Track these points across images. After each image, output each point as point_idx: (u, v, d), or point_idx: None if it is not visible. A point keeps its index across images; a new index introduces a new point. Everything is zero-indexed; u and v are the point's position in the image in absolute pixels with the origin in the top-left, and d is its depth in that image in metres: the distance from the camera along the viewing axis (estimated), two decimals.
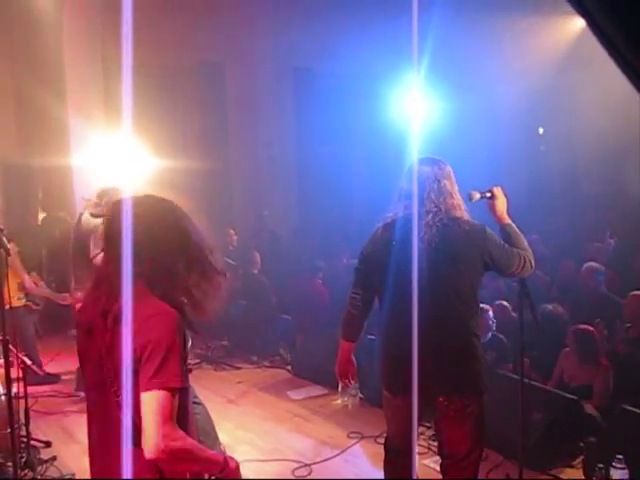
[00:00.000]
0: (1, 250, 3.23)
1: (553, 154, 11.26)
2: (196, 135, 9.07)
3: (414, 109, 6.22)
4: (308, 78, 9.76)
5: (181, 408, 1.61)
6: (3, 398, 3.44)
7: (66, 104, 6.99)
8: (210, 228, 1.80)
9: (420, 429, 3.82)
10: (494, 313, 4.68)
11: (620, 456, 3.10)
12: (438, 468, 2.87)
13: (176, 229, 1.68)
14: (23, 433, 3.65)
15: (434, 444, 3.65)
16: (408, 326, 2.45)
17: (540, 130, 11.96)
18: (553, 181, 10.59)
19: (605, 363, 4.09)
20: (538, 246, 6.10)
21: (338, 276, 6.65)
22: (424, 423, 3.91)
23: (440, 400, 2.63)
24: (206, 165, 8.10)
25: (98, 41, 7.15)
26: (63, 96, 7.02)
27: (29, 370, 3.72)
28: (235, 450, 3.95)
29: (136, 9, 1.55)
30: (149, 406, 1.52)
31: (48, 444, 4.09)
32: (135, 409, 1.55)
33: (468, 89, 8.83)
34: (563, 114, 10.43)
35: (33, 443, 3.83)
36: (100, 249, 1.71)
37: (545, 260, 6.27)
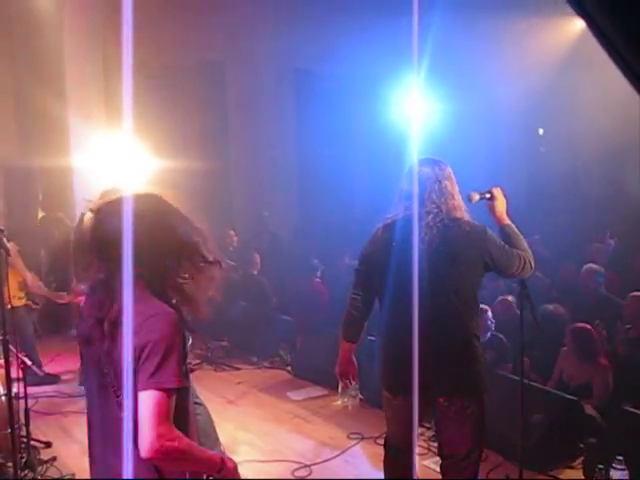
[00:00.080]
0: (1, 250, 3.24)
1: (553, 155, 11.25)
2: (196, 135, 9.07)
3: (414, 110, 6.23)
4: (309, 79, 9.76)
5: (181, 408, 1.61)
6: (3, 398, 3.44)
7: (66, 104, 6.99)
8: (210, 228, 1.78)
9: (420, 430, 3.81)
10: (497, 309, 4.66)
11: (620, 457, 3.10)
12: (438, 469, 2.88)
13: (161, 225, 1.64)
14: (23, 433, 3.65)
15: (434, 445, 3.65)
16: (408, 327, 2.45)
17: (540, 131, 11.96)
18: (553, 182, 10.57)
19: (604, 362, 4.08)
20: (538, 247, 6.10)
21: (338, 276, 6.65)
22: (424, 424, 3.90)
23: (440, 401, 2.64)
24: (206, 166, 8.09)
25: (98, 41, 7.16)
26: (63, 96, 7.02)
27: (29, 370, 3.73)
28: (235, 451, 3.95)
29: (136, 9, 1.55)
30: (145, 406, 1.52)
31: (48, 444, 4.09)
32: (135, 409, 1.56)
33: (468, 90, 8.82)
34: (563, 115, 10.42)
35: (33, 443, 3.83)
36: (91, 255, 1.68)
37: (545, 261, 6.26)
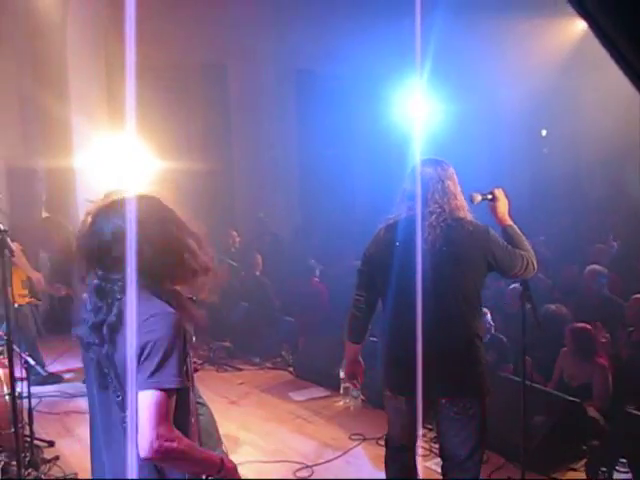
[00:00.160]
0: (5, 251, 3.25)
1: (556, 156, 11.23)
2: (199, 136, 9.09)
3: (416, 111, 6.23)
4: (310, 80, 9.76)
5: (182, 408, 1.61)
6: (7, 398, 3.45)
7: (69, 104, 7.01)
8: (212, 229, 1.77)
9: (422, 431, 3.80)
10: (509, 298, 4.66)
11: (623, 459, 3.09)
12: (439, 470, 2.87)
13: (159, 228, 1.64)
14: (27, 433, 3.67)
15: (435, 446, 3.64)
16: (411, 327, 2.45)
17: (543, 132, 11.94)
18: (556, 183, 10.55)
19: (603, 362, 4.06)
20: (540, 248, 6.09)
21: (340, 277, 6.65)
22: (426, 425, 3.90)
23: (442, 401, 2.63)
24: (209, 166, 8.10)
25: (101, 42, 7.18)
26: (66, 96, 7.03)
27: (32, 370, 3.74)
28: (237, 451, 3.96)
29: (139, 10, 1.55)
30: (145, 406, 1.52)
31: (51, 443, 4.10)
32: (135, 409, 1.56)
33: (470, 91, 8.81)
34: (566, 116, 10.40)
35: (37, 442, 3.84)
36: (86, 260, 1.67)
37: (547, 263, 6.25)
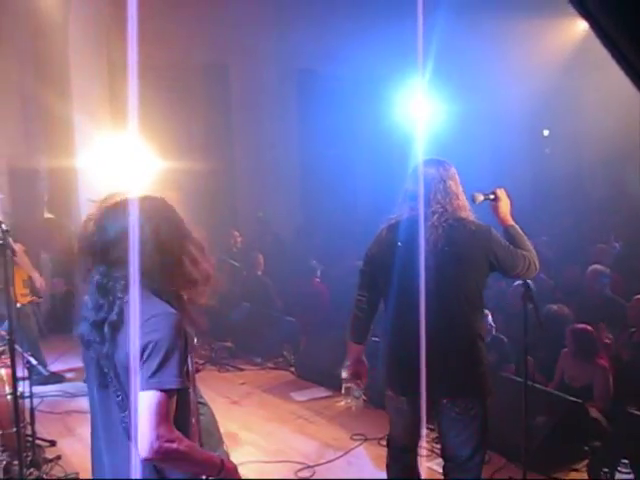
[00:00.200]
0: (7, 251, 3.25)
1: (558, 156, 11.22)
2: (200, 136, 9.09)
3: (418, 111, 6.22)
4: (312, 80, 9.76)
5: (182, 409, 1.61)
6: (9, 397, 3.45)
7: (71, 104, 7.02)
8: (214, 229, 1.78)
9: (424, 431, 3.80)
10: (511, 298, 4.66)
11: (625, 460, 3.08)
12: (441, 470, 2.87)
13: (163, 229, 1.65)
14: (29, 432, 3.67)
15: (437, 446, 3.64)
16: (414, 327, 2.45)
17: (545, 132, 11.93)
18: (558, 183, 10.54)
19: (604, 363, 4.05)
20: (542, 248, 6.08)
21: (341, 277, 6.65)
22: (427, 425, 3.89)
23: (444, 402, 2.63)
24: (210, 166, 8.11)
25: (103, 41, 7.18)
26: (68, 96, 7.04)
27: (34, 370, 3.74)
28: (238, 451, 3.96)
29: (140, 9, 1.56)
30: (145, 406, 1.52)
31: (53, 443, 4.11)
32: (135, 409, 1.56)
33: (472, 91, 8.81)
34: (568, 116, 10.39)
35: (38, 442, 3.85)
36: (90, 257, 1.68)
37: (549, 263, 6.24)
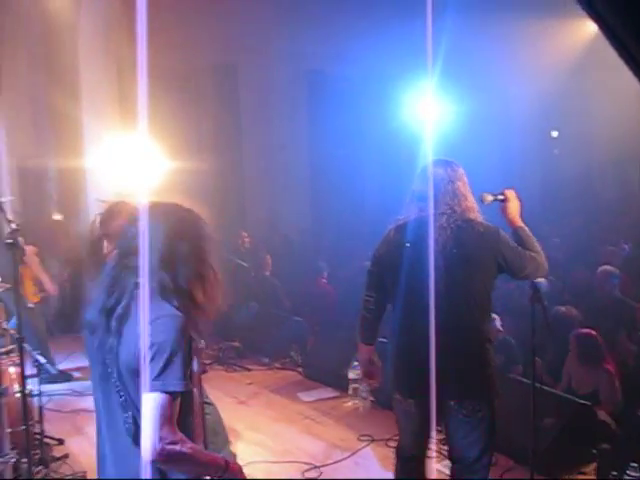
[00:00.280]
0: (17, 251, 3.26)
1: (567, 157, 11.18)
2: (210, 136, 9.12)
3: (427, 112, 6.20)
4: (321, 81, 9.78)
5: (185, 410, 1.62)
6: (18, 396, 3.48)
7: (81, 105, 7.06)
8: (223, 229, 1.80)
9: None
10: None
11: (634, 464, 3.06)
12: (448, 472, 2.86)
13: (191, 237, 1.67)
14: (37, 430, 3.69)
15: (444, 448, 3.63)
16: (421, 329, 2.44)
17: (554, 133, 11.87)
18: (567, 184, 10.50)
19: (609, 368, 4.00)
20: (551, 251, 6.05)
21: (350, 278, 6.65)
22: (435, 427, 3.88)
23: (451, 404, 2.62)
24: (219, 166, 8.13)
25: (113, 42, 7.22)
26: (78, 97, 7.09)
27: (43, 368, 3.76)
28: (245, 451, 3.96)
29: (150, 11, 1.56)
30: (149, 408, 1.53)
31: (61, 442, 4.13)
32: (138, 410, 1.57)
33: (481, 92, 8.79)
34: (577, 117, 10.34)
35: (47, 440, 3.87)
36: (113, 247, 1.71)
37: (558, 264, 6.21)
